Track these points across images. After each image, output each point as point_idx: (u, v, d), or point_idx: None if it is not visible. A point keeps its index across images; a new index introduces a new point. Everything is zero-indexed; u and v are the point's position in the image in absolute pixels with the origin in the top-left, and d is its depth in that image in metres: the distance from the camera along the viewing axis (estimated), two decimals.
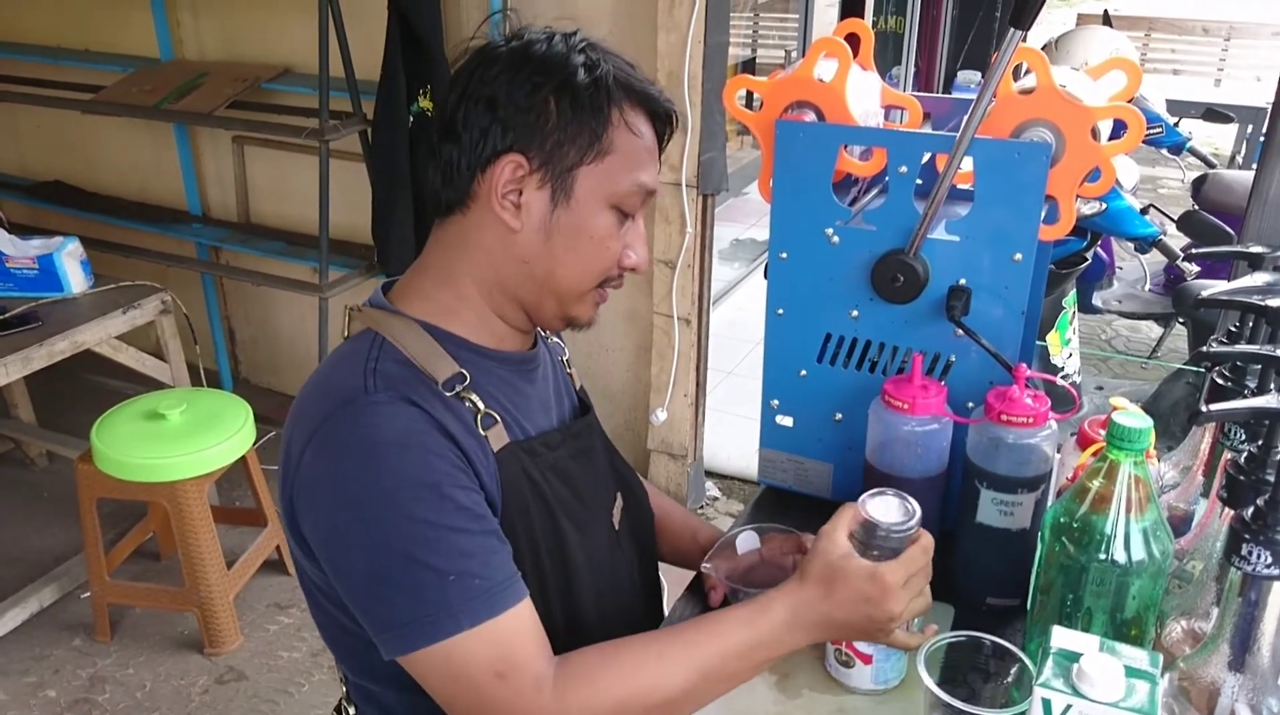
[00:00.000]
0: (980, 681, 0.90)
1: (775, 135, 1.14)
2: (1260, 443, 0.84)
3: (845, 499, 1.25)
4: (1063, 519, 0.89)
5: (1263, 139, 1.86)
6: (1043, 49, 2.09)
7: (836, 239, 1.15)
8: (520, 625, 0.87)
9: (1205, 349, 0.96)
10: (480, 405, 0.93)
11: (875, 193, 1.27)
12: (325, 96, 2.69)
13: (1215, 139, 6.77)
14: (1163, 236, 1.46)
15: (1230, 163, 5.45)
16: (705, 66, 2.54)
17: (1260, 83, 7.83)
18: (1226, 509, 0.87)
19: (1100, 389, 1.74)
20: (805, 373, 1.24)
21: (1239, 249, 1.19)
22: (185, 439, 2.30)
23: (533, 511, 0.95)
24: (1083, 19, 7.18)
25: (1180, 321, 3.55)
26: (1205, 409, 0.85)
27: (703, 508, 3.06)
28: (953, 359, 1.16)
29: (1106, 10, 4.62)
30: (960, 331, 1.12)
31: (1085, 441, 1.07)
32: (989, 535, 1.07)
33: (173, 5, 3.26)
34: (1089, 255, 1.61)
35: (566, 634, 0.99)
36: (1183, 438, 1.11)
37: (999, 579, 1.10)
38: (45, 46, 3.54)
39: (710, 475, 3.18)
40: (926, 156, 1.15)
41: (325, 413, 0.88)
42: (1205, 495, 1.01)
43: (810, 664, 1.04)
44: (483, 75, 0.92)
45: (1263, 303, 0.98)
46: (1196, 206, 3.30)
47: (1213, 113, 3.63)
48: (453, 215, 0.96)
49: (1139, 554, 0.85)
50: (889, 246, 1.13)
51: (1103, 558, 0.85)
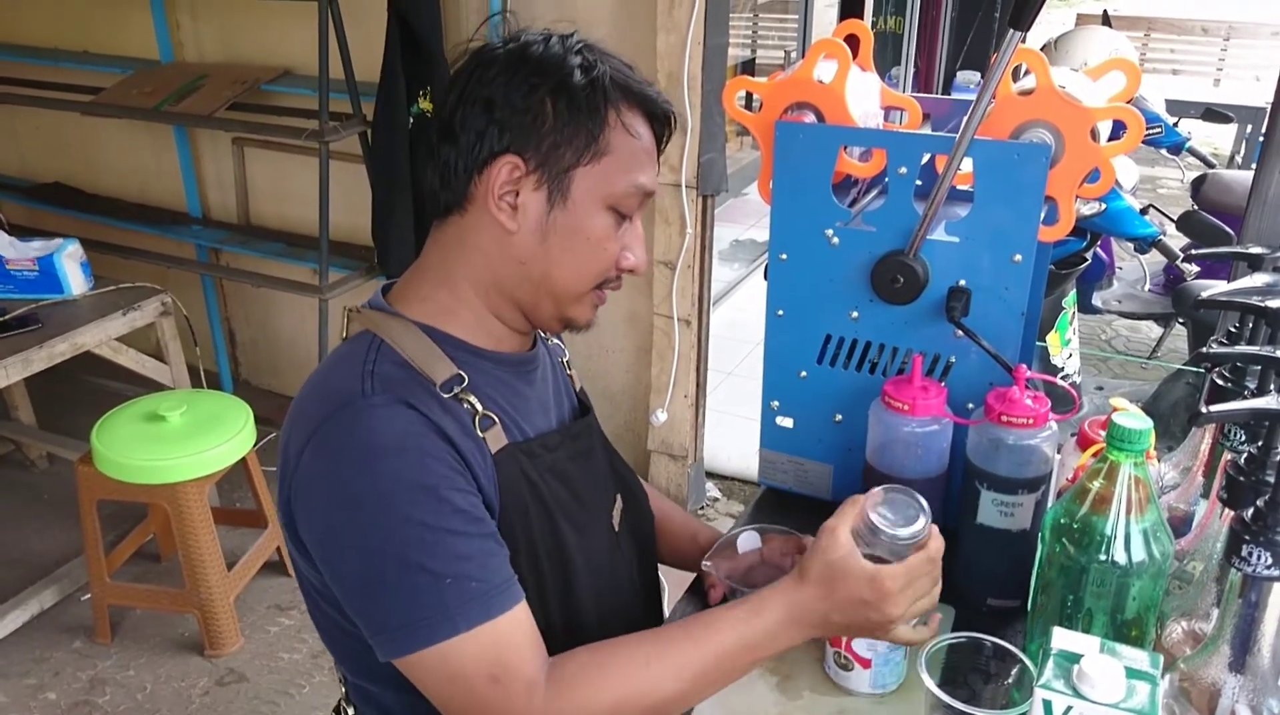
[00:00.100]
0: (981, 683, 0.90)
1: (775, 136, 1.14)
2: (1260, 444, 0.84)
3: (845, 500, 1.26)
4: (1063, 520, 0.89)
5: (1262, 139, 1.86)
6: (1042, 50, 2.09)
7: (836, 240, 1.15)
8: (515, 628, 0.87)
9: (1205, 350, 0.96)
10: (478, 407, 0.93)
11: (875, 194, 1.27)
12: (325, 98, 2.69)
13: (1214, 139, 6.77)
14: (1162, 237, 1.46)
15: (1229, 163, 5.44)
16: (705, 67, 2.54)
17: (1259, 82, 7.83)
18: (1226, 510, 0.86)
19: (1100, 389, 1.74)
20: (805, 374, 1.24)
21: (1239, 249, 1.19)
22: (185, 441, 2.30)
23: (531, 513, 0.95)
24: (1082, 19, 7.18)
25: (1180, 322, 3.55)
26: (1205, 410, 0.85)
27: (703, 509, 3.06)
28: (953, 360, 1.16)
29: (1106, 10, 4.63)
30: (960, 332, 1.12)
31: (1085, 442, 1.07)
32: (989, 536, 1.07)
33: (172, 7, 3.26)
34: (1089, 256, 1.61)
35: (565, 635, 0.98)
36: (1183, 438, 1.11)
37: (999, 580, 1.10)
38: (45, 48, 3.55)
39: (710, 476, 3.18)
40: (926, 157, 1.15)
41: (323, 415, 0.88)
42: (1205, 496, 1.01)
43: (811, 665, 1.04)
44: (480, 77, 0.92)
45: (1262, 303, 0.98)
46: (1196, 207, 3.29)
47: (1212, 113, 3.63)
48: (450, 217, 0.96)
49: (1139, 555, 0.85)
50: (889, 247, 1.13)
51: (1103, 559, 0.86)
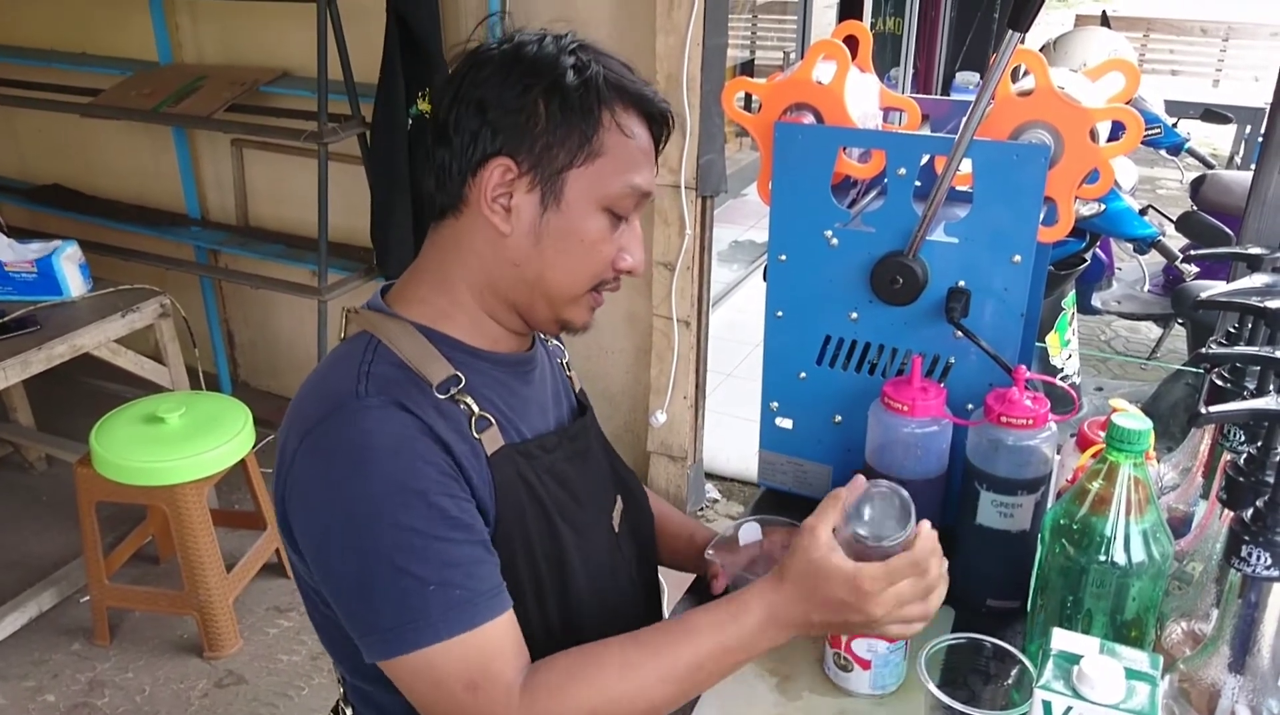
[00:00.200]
0: (980, 684, 0.90)
1: (774, 137, 1.14)
2: (1259, 444, 0.84)
3: None
4: (1062, 521, 0.89)
5: (1261, 139, 1.86)
6: (1041, 50, 2.09)
7: (835, 241, 1.15)
8: (498, 637, 0.87)
9: (1204, 350, 0.96)
10: (474, 408, 0.92)
11: (874, 195, 1.27)
12: (324, 99, 2.69)
13: (1214, 139, 6.77)
14: (1161, 237, 1.46)
15: (1229, 163, 5.45)
16: (704, 68, 2.54)
17: (1258, 83, 7.84)
18: (1226, 510, 0.86)
19: (1100, 390, 1.74)
20: (805, 375, 1.24)
21: (1238, 250, 1.19)
22: (184, 442, 2.30)
23: (528, 514, 0.95)
24: (1081, 20, 7.18)
25: (1179, 322, 3.55)
26: (1204, 411, 0.85)
27: (702, 510, 3.06)
28: (952, 361, 1.16)
29: (1105, 11, 4.63)
30: (959, 333, 1.12)
31: (1085, 443, 1.07)
32: (989, 537, 1.07)
33: (171, 9, 3.26)
34: (1088, 256, 1.61)
35: (564, 635, 0.98)
36: (1182, 439, 1.11)
37: (999, 581, 1.10)
38: (44, 50, 3.55)
39: (710, 477, 3.18)
40: (925, 158, 1.15)
41: (318, 416, 0.88)
42: (1205, 497, 1.01)
43: (810, 666, 1.04)
44: (474, 78, 0.91)
45: (1261, 304, 0.97)
46: (1195, 207, 3.29)
47: (1211, 113, 3.63)
48: (446, 219, 0.96)
49: (1139, 556, 0.85)
50: (888, 248, 1.13)
51: (1103, 559, 0.85)
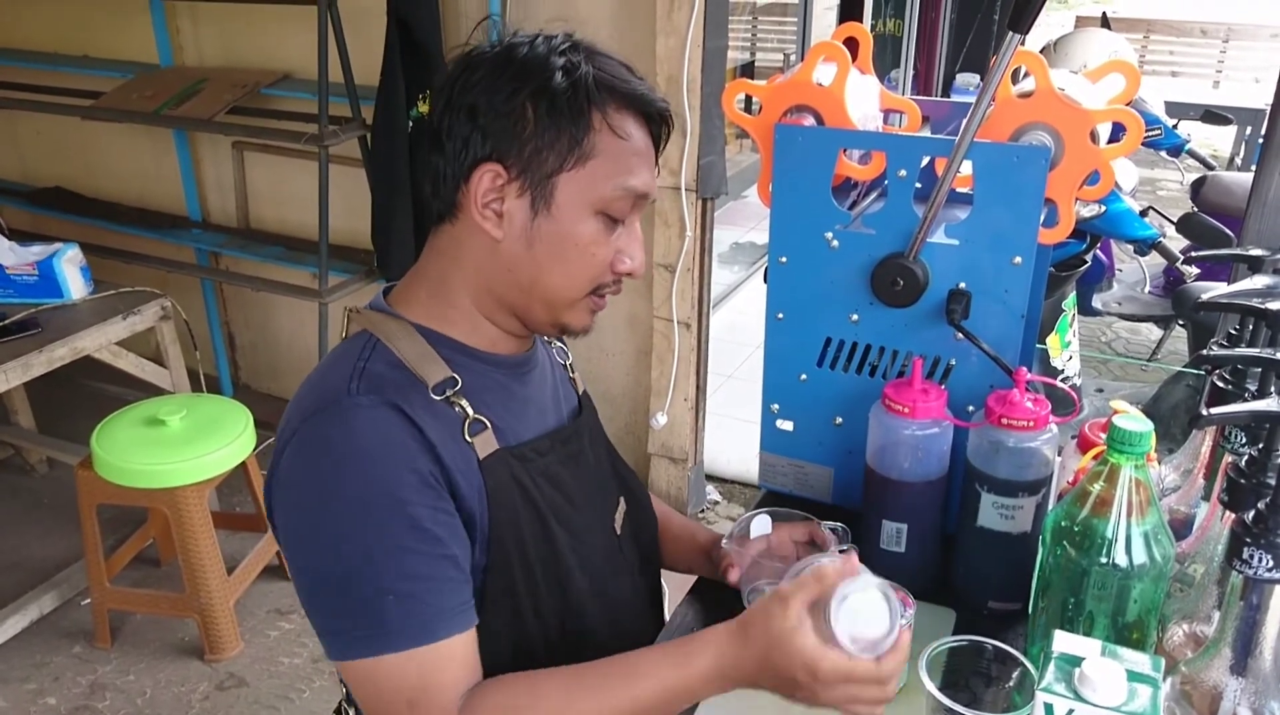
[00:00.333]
0: (982, 686, 0.90)
1: (774, 139, 1.14)
2: (1261, 446, 0.84)
3: (845, 503, 1.27)
4: (1064, 523, 0.89)
5: (1261, 141, 1.86)
6: (1041, 52, 2.09)
7: (836, 243, 1.15)
8: (447, 656, 0.86)
9: (1205, 352, 0.96)
10: (469, 411, 0.92)
11: (874, 196, 1.27)
12: (324, 102, 2.69)
13: (1214, 141, 6.77)
14: (1162, 239, 1.46)
15: (1229, 164, 5.45)
16: (704, 70, 2.54)
17: (1259, 84, 7.85)
18: (1227, 512, 0.86)
19: (1100, 391, 1.74)
20: (805, 377, 1.24)
21: (1239, 251, 1.20)
22: (185, 445, 2.30)
23: (522, 518, 0.95)
24: (1081, 21, 7.19)
25: (1180, 324, 3.55)
26: (1206, 412, 0.85)
27: (703, 512, 3.06)
28: (953, 362, 1.16)
29: (1105, 13, 4.63)
30: (960, 335, 1.12)
31: (1086, 445, 1.07)
32: (990, 539, 1.07)
33: (172, 11, 3.26)
34: (1088, 258, 1.62)
35: (564, 638, 0.98)
36: (1183, 440, 1.11)
37: (1000, 583, 1.10)
38: (45, 53, 3.55)
39: (711, 479, 3.18)
40: (925, 160, 1.15)
41: (308, 412, 0.89)
42: (1206, 498, 1.01)
43: None
44: (466, 82, 0.91)
45: (1263, 306, 0.97)
46: (1196, 208, 3.29)
47: (1211, 115, 3.63)
48: (444, 224, 0.96)
49: (1140, 557, 0.85)
50: (888, 250, 1.13)
51: (1104, 561, 0.85)
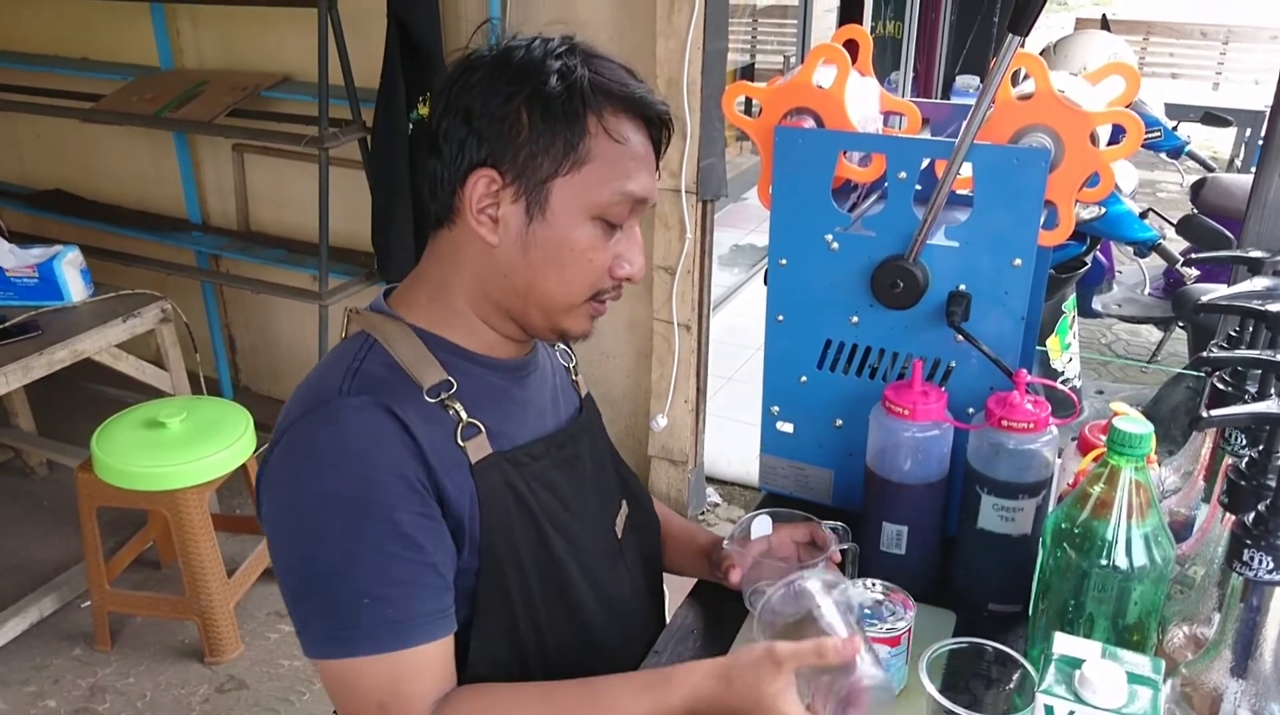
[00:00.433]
0: (982, 688, 0.90)
1: (774, 141, 1.14)
2: (1261, 448, 0.84)
3: (846, 505, 1.27)
4: (1064, 524, 0.89)
5: (1261, 142, 1.86)
6: (1041, 54, 2.10)
7: (836, 245, 1.15)
8: (421, 662, 0.87)
9: (1205, 354, 0.96)
10: (463, 415, 0.92)
11: (874, 199, 1.27)
12: (325, 104, 2.70)
13: (1214, 143, 6.78)
14: (1162, 240, 1.46)
15: (1229, 166, 5.45)
16: (704, 72, 2.54)
17: (1258, 86, 7.85)
18: (1227, 514, 0.86)
19: (1100, 393, 1.75)
20: (805, 379, 1.24)
21: (1238, 253, 1.20)
22: (185, 447, 2.29)
23: (515, 522, 0.94)
24: (1081, 24, 7.20)
25: (1180, 325, 3.55)
26: (1206, 414, 0.85)
27: (703, 514, 3.06)
28: (953, 365, 1.16)
29: (1105, 15, 4.64)
30: (960, 337, 1.12)
31: (1086, 446, 1.07)
32: (990, 541, 1.07)
33: (172, 14, 3.27)
34: (1088, 260, 1.62)
35: (559, 641, 0.98)
36: (1183, 442, 1.11)
37: (1000, 585, 1.09)
38: (44, 55, 3.55)
39: (711, 481, 3.18)
40: (925, 162, 1.15)
41: (300, 411, 0.89)
42: (1206, 500, 1.01)
43: None
44: (463, 85, 0.90)
45: (1263, 307, 0.97)
46: (1195, 210, 3.30)
47: (1211, 116, 3.63)
48: (442, 228, 0.96)
49: (1140, 559, 0.85)
50: (889, 252, 1.13)
51: (1104, 563, 0.85)
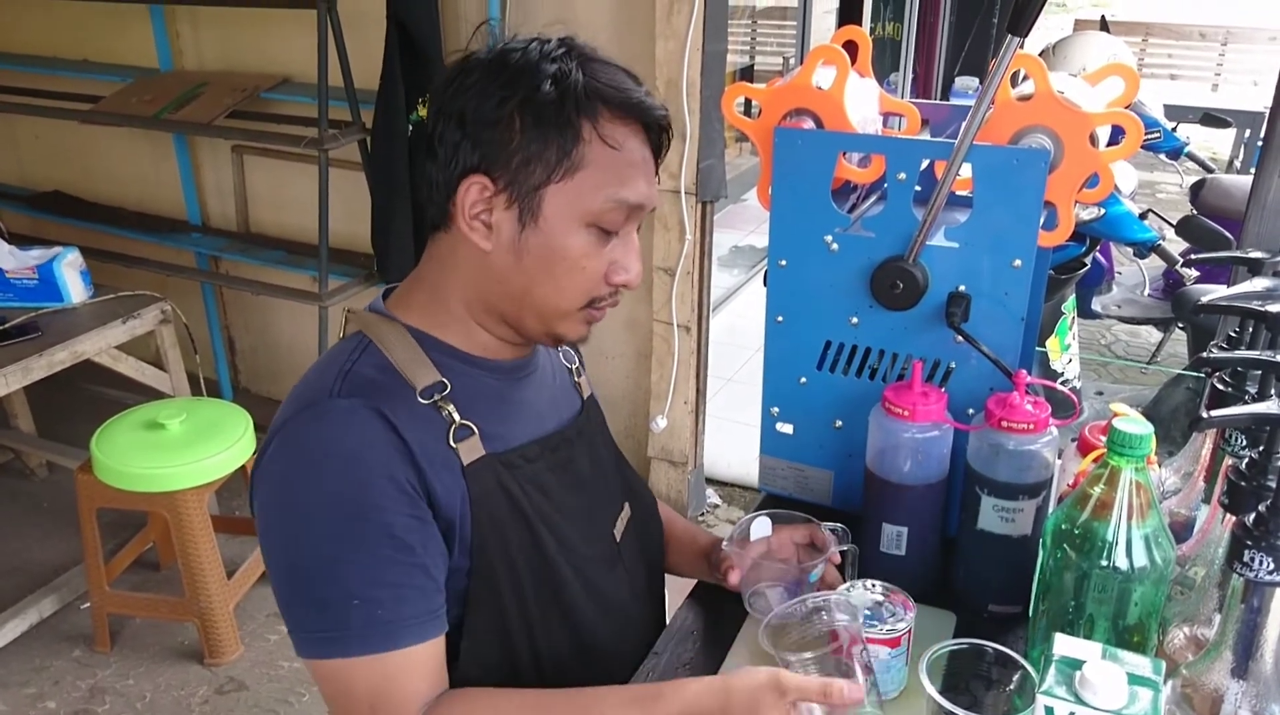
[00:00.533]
0: (983, 689, 0.90)
1: (774, 142, 1.14)
2: (1261, 448, 0.84)
3: (846, 506, 1.26)
4: (1064, 525, 0.89)
5: (1261, 143, 1.86)
6: (1040, 55, 2.10)
7: (836, 246, 1.15)
8: (410, 665, 0.87)
9: (1205, 355, 0.96)
10: (456, 417, 0.92)
11: (874, 199, 1.27)
12: (324, 105, 2.70)
13: (1213, 144, 6.78)
14: (1161, 241, 1.46)
15: (1228, 167, 5.45)
16: (703, 74, 2.54)
17: (1257, 87, 7.85)
18: (1228, 515, 0.86)
19: (1100, 394, 1.75)
20: (805, 380, 1.24)
21: (1238, 254, 1.20)
22: (185, 449, 2.29)
23: (507, 524, 0.94)
24: (1080, 25, 7.20)
25: (1180, 326, 3.55)
26: (1206, 415, 0.85)
27: (703, 515, 3.06)
28: (953, 365, 1.16)
29: (1104, 16, 4.64)
30: (960, 338, 1.12)
31: (1086, 447, 1.07)
32: (990, 542, 1.07)
33: (172, 16, 3.27)
34: (1088, 260, 1.62)
35: (551, 643, 0.98)
36: (1183, 443, 1.11)
37: (1000, 586, 1.09)
38: (44, 57, 3.55)
39: (711, 482, 3.18)
40: (925, 163, 1.15)
41: (291, 412, 0.90)
42: (1207, 501, 1.01)
43: None
44: (459, 87, 0.89)
45: (1262, 308, 0.97)
46: (1195, 211, 3.30)
47: (1210, 117, 3.64)
48: (439, 232, 0.95)
49: (1141, 560, 0.85)
50: (888, 253, 1.13)
51: (1104, 564, 0.85)
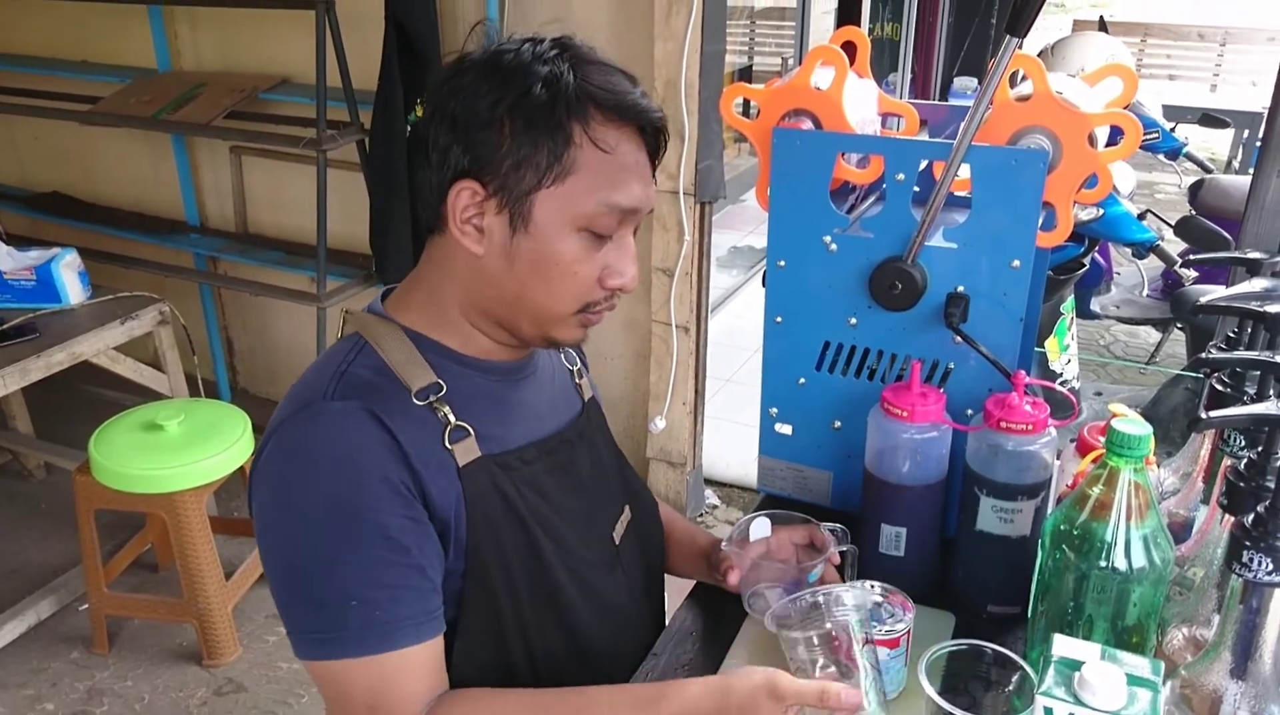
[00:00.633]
0: (982, 690, 0.89)
1: (772, 143, 1.14)
2: (1260, 449, 0.84)
3: (844, 507, 1.26)
4: (1063, 526, 0.88)
5: (1259, 144, 1.86)
6: (1039, 55, 2.09)
7: (834, 247, 1.15)
8: (408, 666, 0.87)
9: (1204, 355, 0.96)
10: (451, 418, 0.92)
11: (873, 200, 1.27)
12: (323, 106, 2.70)
13: (1212, 144, 6.78)
14: (1160, 242, 1.46)
15: (1227, 168, 5.45)
16: (702, 75, 2.54)
17: (1256, 87, 7.85)
18: (1227, 515, 0.86)
19: (1099, 395, 1.74)
20: (804, 380, 1.24)
21: (1237, 254, 1.19)
22: (183, 450, 2.29)
23: (502, 525, 0.94)
24: (1078, 25, 7.20)
25: (1178, 327, 3.55)
26: (1204, 415, 0.85)
27: (702, 516, 3.06)
28: (951, 366, 1.15)
29: (1102, 16, 4.64)
30: (959, 338, 1.12)
31: (1085, 448, 1.07)
32: (989, 543, 1.07)
33: (170, 16, 3.27)
34: (1086, 261, 1.62)
35: (544, 647, 0.98)
36: (1182, 444, 1.11)
37: (999, 587, 1.09)
38: (43, 58, 3.55)
39: (709, 483, 3.18)
40: (924, 164, 1.15)
41: (287, 414, 0.90)
42: (1205, 502, 1.01)
43: None
44: (450, 89, 0.88)
45: (1261, 308, 0.97)
46: (1193, 212, 3.30)
47: (1209, 118, 3.64)
48: (434, 234, 0.95)
49: (1140, 561, 0.85)
50: (887, 254, 1.12)
51: (1103, 565, 0.85)
